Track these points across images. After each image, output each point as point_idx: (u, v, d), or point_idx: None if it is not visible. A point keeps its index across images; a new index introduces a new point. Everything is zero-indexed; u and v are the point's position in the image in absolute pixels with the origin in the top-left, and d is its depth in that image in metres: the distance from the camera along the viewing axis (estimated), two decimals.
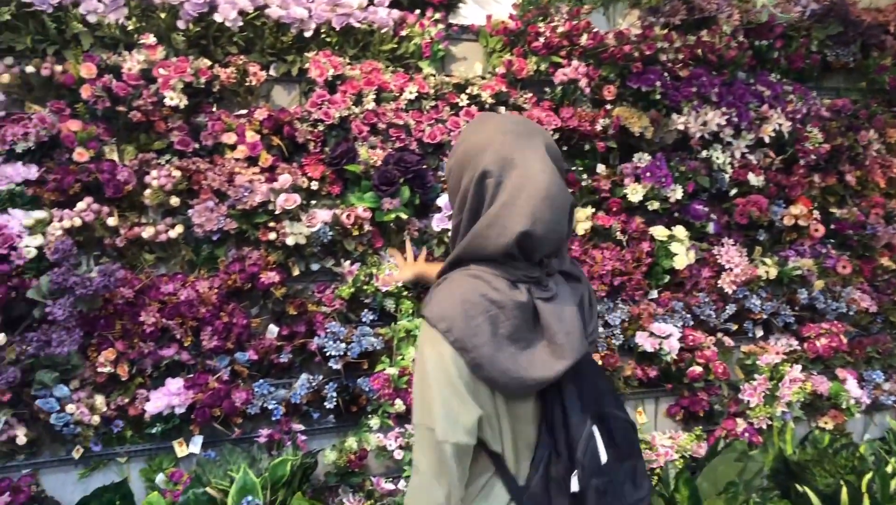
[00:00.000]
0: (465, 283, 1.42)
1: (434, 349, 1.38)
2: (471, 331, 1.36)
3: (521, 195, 1.38)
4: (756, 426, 3.31)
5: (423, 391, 1.38)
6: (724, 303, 3.33)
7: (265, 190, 2.55)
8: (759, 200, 3.31)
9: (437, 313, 1.39)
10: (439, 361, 1.37)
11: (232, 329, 2.58)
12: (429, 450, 1.36)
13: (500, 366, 1.37)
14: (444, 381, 1.36)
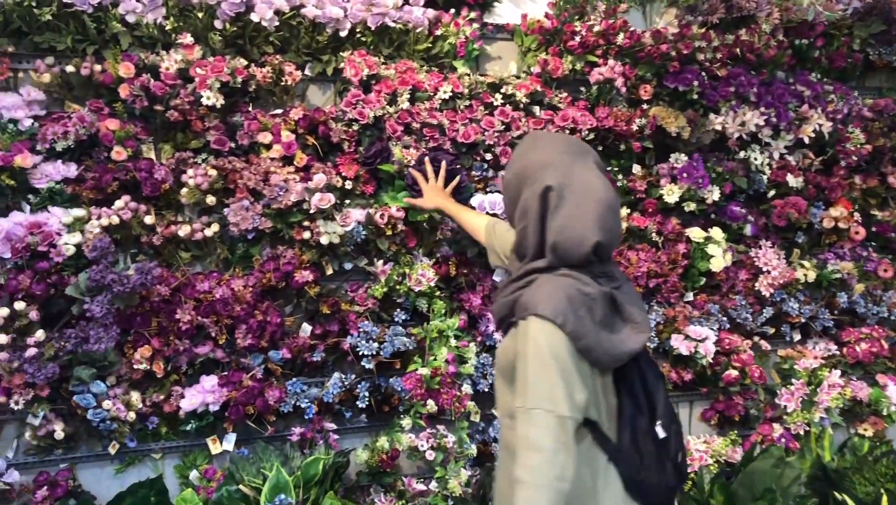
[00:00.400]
0: (562, 282, 1.63)
1: (551, 340, 1.56)
2: (579, 322, 1.58)
3: (587, 208, 1.61)
4: (793, 432, 3.26)
5: (542, 377, 1.55)
6: (761, 306, 3.27)
7: (300, 189, 2.55)
8: (798, 202, 3.25)
9: (552, 309, 1.57)
10: (559, 349, 1.56)
11: (266, 327, 2.59)
12: (551, 428, 1.51)
13: (602, 347, 1.62)
14: (562, 366, 1.55)
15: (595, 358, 1.62)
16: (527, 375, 1.57)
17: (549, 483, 1.48)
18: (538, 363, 1.56)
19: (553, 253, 1.65)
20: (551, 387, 1.54)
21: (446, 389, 2.75)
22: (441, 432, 2.77)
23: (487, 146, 2.85)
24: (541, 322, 1.58)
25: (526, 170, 1.70)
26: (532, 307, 1.60)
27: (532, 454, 1.51)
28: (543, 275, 1.67)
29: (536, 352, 1.57)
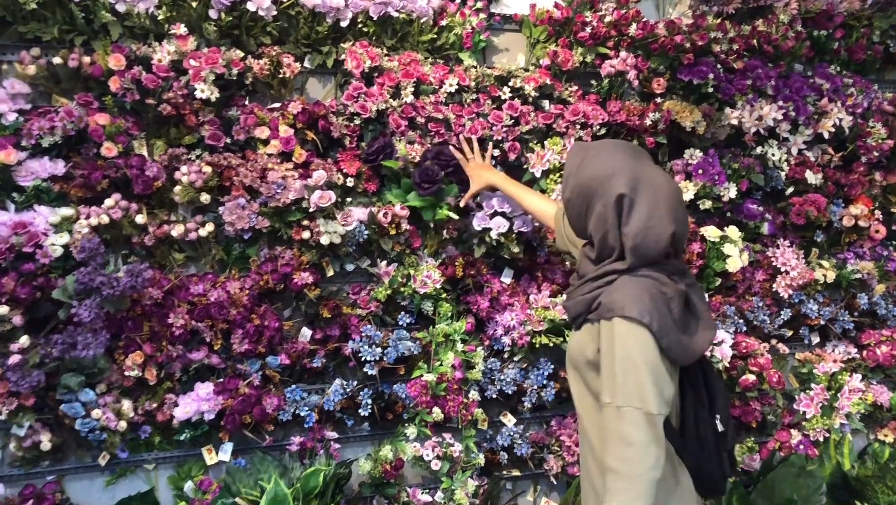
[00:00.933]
0: (642, 283, 1.71)
1: (639, 340, 1.65)
2: (662, 321, 1.67)
3: (659, 205, 1.70)
4: (812, 439, 3.13)
5: (631, 376, 1.63)
6: (778, 308, 3.15)
7: (299, 187, 2.43)
8: (818, 199, 3.13)
9: (638, 310, 1.66)
10: (647, 348, 1.64)
11: (263, 332, 2.47)
12: (642, 424, 1.60)
13: (681, 345, 1.70)
14: (651, 365, 1.63)
15: (674, 356, 1.70)
16: (615, 374, 1.65)
17: (643, 472, 1.58)
18: (626, 363, 1.64)
19: (634, 254, 1.72)
20: (640, 385, 1.62)
21: (453, 396, 2.63)
22: (447, 441, 2.65)
23: (496, 142, 2.72)
24: (628, 323, 1.66)
25: (590, 183, 1.77)
26: (618, 308, 1.68)
27: (625, 448, 1.61)
28: (624, 276, 1.74)
29: (624, 352, 1.65)
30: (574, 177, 1.82)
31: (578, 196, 1.81)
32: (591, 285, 1.80)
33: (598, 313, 1.75)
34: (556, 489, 2.93)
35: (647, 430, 1.61)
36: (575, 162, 1.84)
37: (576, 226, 1.87)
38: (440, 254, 2.73)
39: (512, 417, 2.81)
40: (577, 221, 1.85)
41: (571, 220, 1.88)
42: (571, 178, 1.83)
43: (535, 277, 2.84)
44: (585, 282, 1.83)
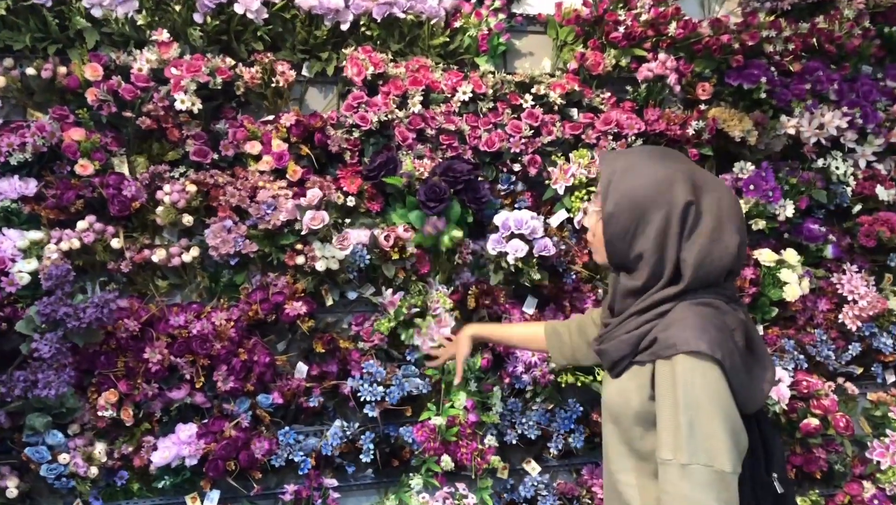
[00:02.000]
0: (704, 312, 1.43)
1: (710, 379, 1.36)
2: (733, 357, 1.38)
3: (723, 213, 1.44)
4: (889, 493, 2.73)
5: (700, 426, 1.34)
6: (846, 341, 2.79)
7: (290, 207, 2.19)
8: (891, 218, 2.76)
9: (707, 343, 1.36)
10: (718, 390, 1.36)
11: (252, 368, 2.23)
12: (713, 486, 1.32)
13: (747, 387, 1.42)
14: (725, 411, 1.35)
15: (742, 400, 1.40)
16: (679, 425, 1.34)
17: None
18: (693, 410, 1.34)
19: (695, 274, 1.44)
20: (711, 438, 1.33)
21: (466, 442, 2.34)
22: (460, 492, 2.36)
23: (514, 155, 2.44)
24: (693, 360, 1.36)
25: (646, 192, 1.45)
26: (682, 343, 1.37)
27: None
28: (680, 304, 1.44)
29: (691, 397, 1.35)
30: (618, 187, 1.48)
31: (628, 209, 1.47)
32: (638, 320, 1.48)
33: (651, 352, 1.43)
34: None
35: (719, 492, 1.32)
36: (615, 169, 1.51)
37: (617, 248, 1.50)
38: (452, 280, 2.45)
39: (536, 465, 2.50)
40: (621, 242, 1.49)
41: (612, 242, 1.50)
42: (613, 189, 1.48)
43: (562, 306, 2.53)
44: (629, 317, 1.50)
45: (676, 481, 1.33)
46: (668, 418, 1.37)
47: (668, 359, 1.38)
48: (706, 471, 1.31)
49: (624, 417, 1.49)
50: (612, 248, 1.50)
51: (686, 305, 1.44)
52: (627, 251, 1.48)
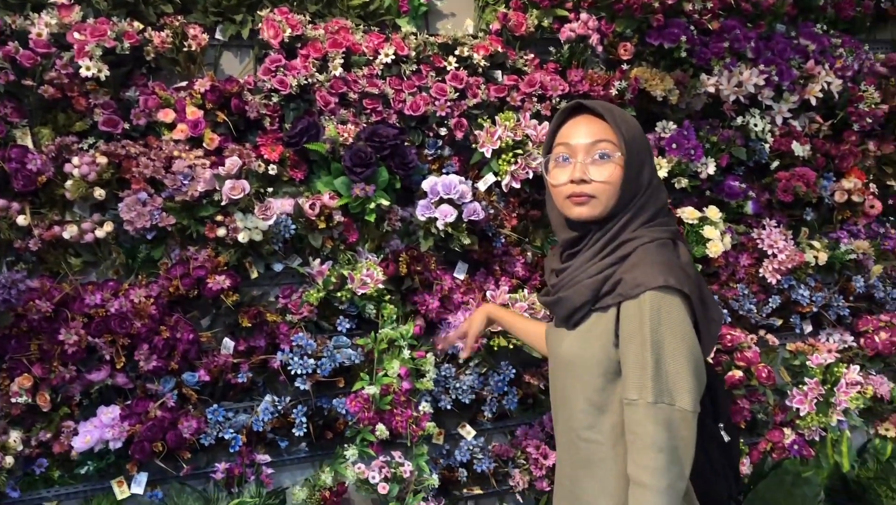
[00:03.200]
0: (665, 251, 1.45)
1: (677, 314, 1.37)
2: (694, 293, 1.40)
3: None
4: (807, 438, 2.84)
5: (667, 365, 1.35)
6: (766, 295, 2.85)
7: (208, 177, 2.10)
8: (807, 173, 2.82)
9: (675, 278, 1.38)
10: (685, 327, 1.37)
11: (176, 346, 2.14)
12: (674, 424, 1.34)
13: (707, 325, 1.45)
14: (690, 347, 1.36)
15: (702, 339, 1.43)
16: (646, 363, 1.35)
17: (672, 483, 1.32)
18: (661, 348, 1.35)
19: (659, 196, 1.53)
20: (675, 376, 1.35)
21: (400, 410, 2.31)
22: (396, 460, 2.33)
23: (440, 119, 2.40)
24: (662, 295, 1.37)
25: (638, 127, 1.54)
26: (650, 280, 1.38)
27: (655, 455, 1.33)
28: (640, 246, 1.46)
29: (658, 335, 1.36)
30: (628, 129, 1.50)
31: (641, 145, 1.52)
32: (600, 265, 1.47)
33: (616, 294, 1.42)
34: None
35: (682, 431, 1.34)
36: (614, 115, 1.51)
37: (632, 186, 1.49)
38: (382, 248, 2.40)
39: (471, 428, 2.50)
40: (637, 177, 1.50)
41: (628, 181, 1.48)
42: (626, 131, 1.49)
43: (492, 270, 2.52)
44: (590, 261, 1.49)
45: (642, 421, 1.34)
46: (634, 358, 1.37)
47: (634, 298, 1.38)
48: (670, 410, 1.33)
49: (585, 370, 1.48)
50: (627, 186, 1.48)
51: (646, 246, 1.45)
52: (639, 184, 1.50)
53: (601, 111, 1.52)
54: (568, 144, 1.52)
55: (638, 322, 1.38)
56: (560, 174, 1.53)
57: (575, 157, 1.51)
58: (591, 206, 1.49)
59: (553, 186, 1.54)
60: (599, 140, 1.49)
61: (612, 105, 1.56)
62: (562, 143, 1.54)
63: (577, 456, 1.52)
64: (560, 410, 1.57)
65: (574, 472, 1.53)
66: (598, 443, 1.47)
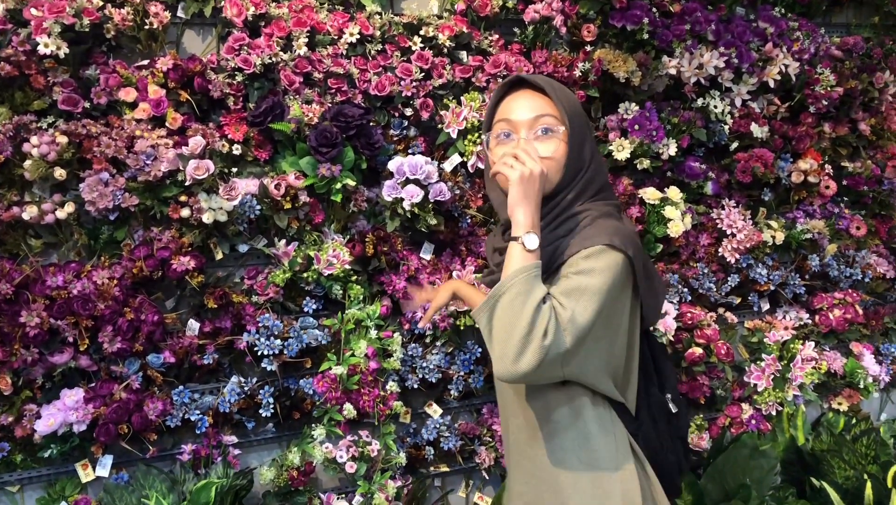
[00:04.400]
0: (612, 220, 1.46)
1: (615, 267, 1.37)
2: (638, 258, 1.41)
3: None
4: (764, 413, 2.91)
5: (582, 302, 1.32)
6: (725, 274, 2.91)
7: (172, 156, 2.07)
8: (765, 154, 2.88)
9: (621, 239, 1.38)
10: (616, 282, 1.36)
11: (140, 327, 2.13)
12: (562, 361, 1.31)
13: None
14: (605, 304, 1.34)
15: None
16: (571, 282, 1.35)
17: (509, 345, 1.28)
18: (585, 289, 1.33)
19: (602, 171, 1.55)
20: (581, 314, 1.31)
21: (367, 389, 2.32)
22: (363, 439, 2.35)
23: (405, 99, 2.40)
24: (607, 249, 1.37)
25: (578, 101, 1.55)
26: (597, 239, 1.38)
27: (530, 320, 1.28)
28: (587, 215, 1.46)
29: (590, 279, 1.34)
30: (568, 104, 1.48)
31: (581, 119, 1.50)
32: (549, 237, 1.45)
33: (566, 256, 1.40)
34: (490, 483, 2.65)
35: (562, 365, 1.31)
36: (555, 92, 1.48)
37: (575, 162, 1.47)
38: (348, 229, 2.40)
39: (437, 407, 2.52)
40: (580, 152, 1.48)
41: (572, 157, 1.47)
42: (567, 106, 1.47)
43: (458, 251, 2.54)
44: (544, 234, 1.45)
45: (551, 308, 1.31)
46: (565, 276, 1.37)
47: (585, 248, 1.38)
48: (557, 332, 1.29)
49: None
50: (571, 162, 1.47)
51: (594, 215, 1.45)
52: (582, 159, 1.49)
53: (542, 85, 1.48)
54: (509, 120, 1.49)
55: (581, 258, 1.37)
56: (500, 151, 1.48)
57: (517, 133, 1.48)
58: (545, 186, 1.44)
59: (495, 164, 1.46)
60: (542, 115, 1.47)
61: (551, 79, 1.53)
62: (503, 119, 1.50)
63: (526, 432, 1.51)
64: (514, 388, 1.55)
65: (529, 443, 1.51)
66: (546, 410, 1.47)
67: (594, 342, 1.35)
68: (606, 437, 1.45)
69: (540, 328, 1.27)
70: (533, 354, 1.27)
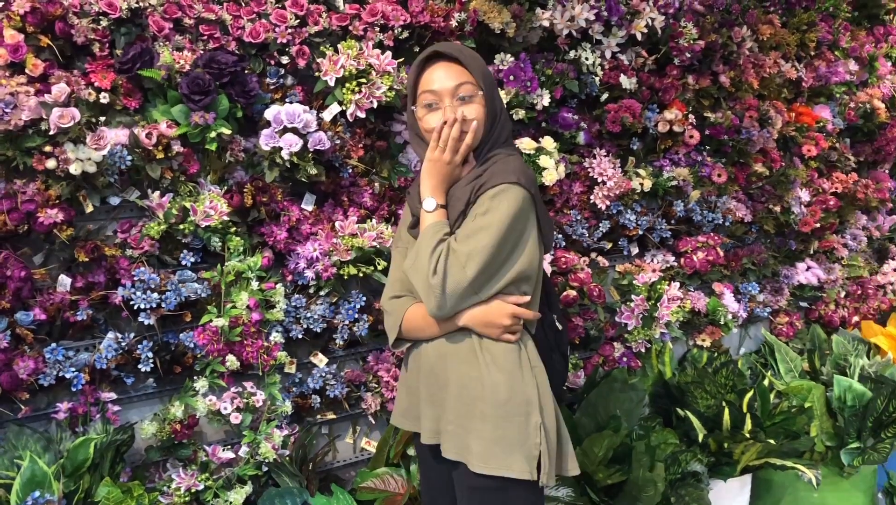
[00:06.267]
0: (519, 160, 1.76)
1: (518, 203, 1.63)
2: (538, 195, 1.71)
3: None
4: (634, 350, 3.10)
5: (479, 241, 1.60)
6: (597, 220, 3.05)
7: (34, 105, 1.98)
8: (633, 105, 3.01)
9: (525, 179, 1.66)
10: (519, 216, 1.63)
11: (6, 284, 2.04)
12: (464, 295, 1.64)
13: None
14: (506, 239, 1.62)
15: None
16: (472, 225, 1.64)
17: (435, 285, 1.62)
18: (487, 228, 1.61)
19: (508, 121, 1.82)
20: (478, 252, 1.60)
21: (250, 341, 2.32)
22: (248, 390, 2.36)
23: (281, 46, 2.37)
24: (512, 186, 1.63)
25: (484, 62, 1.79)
26: (505, 177, 1.64)
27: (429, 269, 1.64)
28: (499, 157, 1.73)
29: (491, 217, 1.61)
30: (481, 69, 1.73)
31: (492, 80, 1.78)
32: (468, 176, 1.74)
33: (481, 191, 1.67)
34: (376, 428, 2.72)
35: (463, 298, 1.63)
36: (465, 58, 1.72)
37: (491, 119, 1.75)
38: (225, 180, 2.37)
39: (323, 357, 2.55)
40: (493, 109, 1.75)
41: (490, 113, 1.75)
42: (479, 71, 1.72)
43: (341, 201, 2.55)
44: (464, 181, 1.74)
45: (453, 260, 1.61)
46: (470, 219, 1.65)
47: (492, 188, 1.64)
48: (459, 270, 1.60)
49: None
50: (488, 120, 1.74)
51: (502, 157, 1.73)
52: (495, 115, 1.75)
53: (456, 55, 1.71)
54: (433, 91, 1.71)
55: (488, 198, 1.64)
56: (431, 119, 1.72)
57: (441, 101, 1.71)
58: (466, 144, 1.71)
59: (427, 131, 1.74)
60: (461, 83, 1.70)
61: (461, 46, 1.79)
62: (427, 90, 1.72)
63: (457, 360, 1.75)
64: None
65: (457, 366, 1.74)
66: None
67: (504, 265, 1.65)
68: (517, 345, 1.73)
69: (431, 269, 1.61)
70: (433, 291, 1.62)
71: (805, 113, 3.67)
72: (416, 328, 1.78)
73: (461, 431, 1.71)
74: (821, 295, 3.89)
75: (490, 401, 1.67)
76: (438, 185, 1.72)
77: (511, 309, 1.68)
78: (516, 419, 1.66)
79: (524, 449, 1.66)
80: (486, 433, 1.67)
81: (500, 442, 1.66)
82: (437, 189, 1.72)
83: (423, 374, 1.80)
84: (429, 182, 1.71)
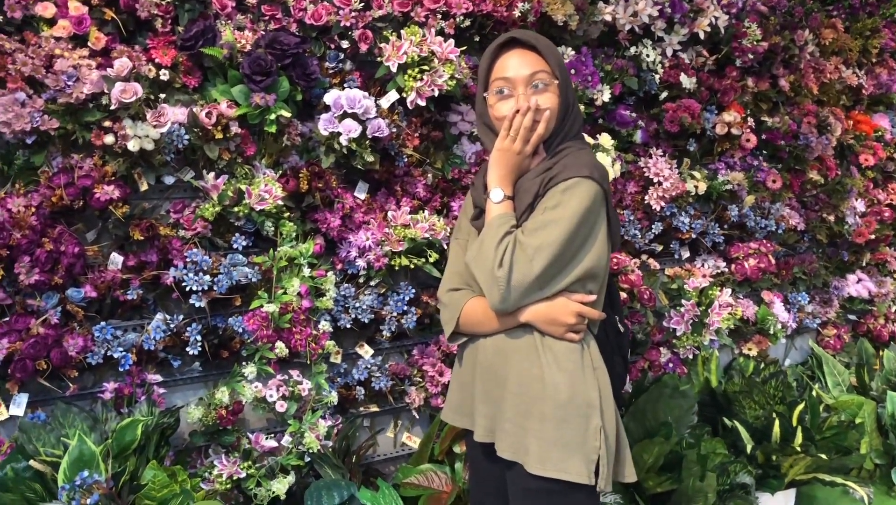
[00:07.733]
0: (591, 153, 1.68)
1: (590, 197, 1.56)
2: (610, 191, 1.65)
3: None
4: (682, 356, 3.03)
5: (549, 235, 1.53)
6: (649, 221, 2.97)
7: (96, 78, 1.95)
8: (692, 105, 2.94)
9: (598, 174, 1.59)
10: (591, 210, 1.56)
11: (60, 259, 2.01)
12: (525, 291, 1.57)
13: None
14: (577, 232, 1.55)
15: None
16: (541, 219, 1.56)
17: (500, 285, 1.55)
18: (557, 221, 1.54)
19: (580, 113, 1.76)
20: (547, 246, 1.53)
21: (299, 328, 2.28)
22: (294, 379, 2.32)
23: (343, 30, 2.32)
24: (584, 180, 1.57)
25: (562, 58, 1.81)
26: (577, 170, 1.58)
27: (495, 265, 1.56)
28: (569, 150, 1.67)
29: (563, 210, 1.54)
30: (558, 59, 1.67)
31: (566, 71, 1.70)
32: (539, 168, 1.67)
33: (552, 183, 1.61)
34: (419, 423, 2.67)
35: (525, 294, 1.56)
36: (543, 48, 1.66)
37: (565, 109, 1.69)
38: (281, 164, 2.33)
39: (369, 348, 2.50)
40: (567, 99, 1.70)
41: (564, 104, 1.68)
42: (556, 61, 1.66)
43: (394, 191, 2.50)
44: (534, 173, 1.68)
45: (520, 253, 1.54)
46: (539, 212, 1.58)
47: (563, 181, 1.57)
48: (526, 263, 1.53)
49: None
50: (562, 109, 1.67)
51: (574, 150, 1.66)
52: (568, 105, 1.69)
53: (533, 42, 1.65)
54: (507, 78, 1.64)
55: (559, 191, 1.57)
56: (503, 107, 1.65)
57: (515, 89, 1.64)
58: (538, 135, 1.64)
59: (497, 119, 1.67)
60: (537, 71, 1.63)
61: (537, 35, 1.69)
62: (500, 77, 1.66)
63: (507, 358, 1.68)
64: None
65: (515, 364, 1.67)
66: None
67: (572, 261, 1.57)
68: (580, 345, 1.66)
69: (497, 261, 1.55)
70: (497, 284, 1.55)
71: (863, 121, 3.58)
72: (476, 322, 1.71)
73: (518, 430, 1.65)
74: (870, 308, 3.79)
75: (550, 401, 1.61)
76: (507, 175, 1.65)
77: (576, 307, 1.62)
78: (576, 421, 1.60)
79: (583, 452, 1.60)
80: (544, 434, 1.61)
81: (559, 444, 1.60)
82: (505, 180, 1.64)
83: (480, 370, 1.74)
84: (496, 172, 1.64)
